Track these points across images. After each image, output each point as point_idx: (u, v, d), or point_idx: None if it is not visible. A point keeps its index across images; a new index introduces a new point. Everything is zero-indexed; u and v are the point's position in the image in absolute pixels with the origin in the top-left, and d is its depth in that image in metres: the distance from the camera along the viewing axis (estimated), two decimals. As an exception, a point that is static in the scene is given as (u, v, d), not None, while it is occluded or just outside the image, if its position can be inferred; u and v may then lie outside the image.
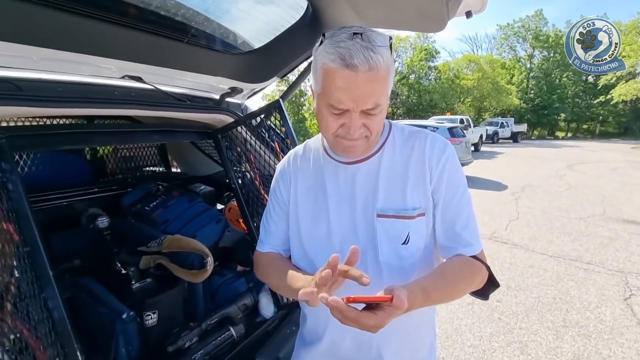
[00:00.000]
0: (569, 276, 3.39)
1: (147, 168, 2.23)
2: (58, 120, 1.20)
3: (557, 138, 32.74)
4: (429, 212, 0.76)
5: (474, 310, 2.83)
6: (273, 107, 1.40)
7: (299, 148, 0.89)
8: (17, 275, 0.70)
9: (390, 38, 0.66)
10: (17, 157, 1.42)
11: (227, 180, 1.52)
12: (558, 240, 4.37)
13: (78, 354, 0.76)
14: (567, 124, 35.67)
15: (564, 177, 9.07)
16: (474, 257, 0.75)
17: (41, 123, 1.12)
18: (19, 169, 1.45)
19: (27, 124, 1.11)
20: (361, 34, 0.62)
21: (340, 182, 0.79)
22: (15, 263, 0.70)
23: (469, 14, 1.13)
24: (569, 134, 34.92)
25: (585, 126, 35.74)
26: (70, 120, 1.32)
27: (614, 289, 3.13)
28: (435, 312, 0.91)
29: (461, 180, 0.77)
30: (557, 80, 33.61)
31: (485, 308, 2.85)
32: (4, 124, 1.10)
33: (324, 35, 0.66)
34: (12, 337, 0.66)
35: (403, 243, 0.75)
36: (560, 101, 32.09)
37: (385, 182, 0.76)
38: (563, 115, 33.31)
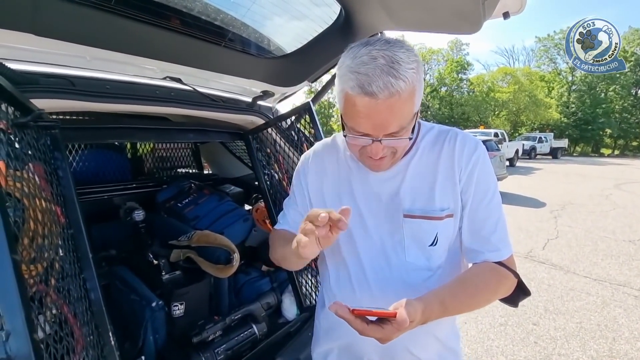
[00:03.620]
0: (617, 302, 3.10)
1: (181, 169, 2.34)
2: (103, 116, 1.30)
3: (602, 155, 30.53)
4: (457, 213, 0.73)
5: (507, 331, 2.66)
6: (303, 110, 1.42)
7: (327, 141, 0.89)
8: (61, 254, 0.74)
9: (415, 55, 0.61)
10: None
11: (256, 181, 1.56)
12: (603, 263, 4.03)
13: (110, 334, 0.79)
14: (613, 141, 33.19)
15: (610, 197, 8.40)
16: (502, 263, 0.72)
17: (89, 118, 1.21)
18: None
19: (77, 118, 1.21)
20: (384, 54, 0.58)
21: (366, 181, 0.78)
22: (60, 243, 0.75)
23: (506, 15, 1.10)
24: (616, 151, 32.45)
25: (634, 143, 33.06)
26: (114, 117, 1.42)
27: (669, 319, 2.82)
28: None
29: (492, 181, 0.74)
30: (603, 94, 31.52)
31: (519, 330, 2.67)
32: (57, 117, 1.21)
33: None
34: (54, 311, 0.70)
35: (431, 244, 0.73)
36: (605, 116, 29.96)
37: (412, 181, 0.74)
38: (609, 130, 31.03)
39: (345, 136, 0.68)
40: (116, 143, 1.89)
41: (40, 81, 0.85)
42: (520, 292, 0.74)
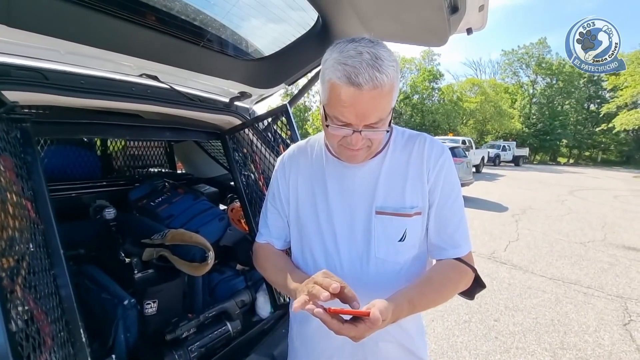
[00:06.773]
0: (568, 299, 3.36)
1: (154, 169, 2.29)
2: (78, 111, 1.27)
3: (558, 164, 32.83)
4: (425, 211, 0.79)
5: (470, 328, 2.81)
6: (280, 112, 1.45)
7: (302, 143, 0.92)
8: (32, 249, 0.73)
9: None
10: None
11: (232, 181, 1.57)
12: (557, 263, 4.35)
13: (82, 331, 0.78)
14: (569, 150, 35.89)
15: (565, 202, 9.06)
16: (461, 259, 0.78)
17: (62, 113, 1.18)
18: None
19: (48, 112, 1.17)
20: (369, 50, 0.63)
21: (340, 179, 0.81)
22: (31, 237, 0.74)
23: (469, 31, 1.20)
24: (571, 160, 35.05)
25: (587, 153, 35.93)
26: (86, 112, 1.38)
27: (613, 314, 3.09)
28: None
29: (456, 183, 0.81)
30: (560, 107, 34.02)
31: (482, 327, 2.83)
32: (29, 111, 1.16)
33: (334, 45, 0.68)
34: (20, 308, 0.68)
35: (400, 240, 0.78)
36: (562, 127, 32.40)
37: (385, 181, 0.79)
38: (565, 141, 33.58)
39: (327, 126, 0.71)
40: (85, 139, 1.83)
41: (12, 73, 0.83)
42: (477, 285, 0.81)
